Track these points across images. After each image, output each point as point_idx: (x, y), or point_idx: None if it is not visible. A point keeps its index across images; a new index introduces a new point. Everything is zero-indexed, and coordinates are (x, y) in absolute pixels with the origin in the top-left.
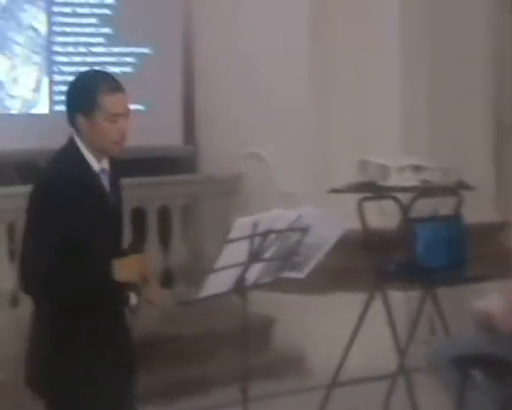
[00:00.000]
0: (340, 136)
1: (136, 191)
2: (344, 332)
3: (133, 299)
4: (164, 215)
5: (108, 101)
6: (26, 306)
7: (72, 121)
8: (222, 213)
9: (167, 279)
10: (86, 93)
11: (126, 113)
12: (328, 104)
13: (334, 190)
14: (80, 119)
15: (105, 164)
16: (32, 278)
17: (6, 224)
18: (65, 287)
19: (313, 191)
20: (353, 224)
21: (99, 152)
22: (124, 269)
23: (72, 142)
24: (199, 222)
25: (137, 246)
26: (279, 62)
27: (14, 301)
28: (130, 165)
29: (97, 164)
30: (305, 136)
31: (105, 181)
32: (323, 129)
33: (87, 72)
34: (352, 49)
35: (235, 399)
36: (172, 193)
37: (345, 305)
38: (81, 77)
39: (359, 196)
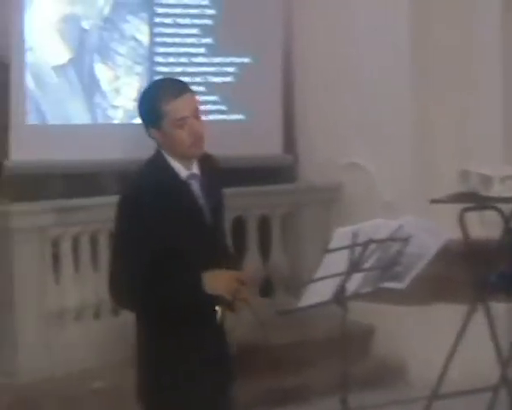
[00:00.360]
0: (441, 145)
1: (236, 201)
2: (444, 343)
3: (219, 313)
4: (264, 224)
5: (171, 107)
6: (128, 314)
7: (148, 134)
8: (322, 222)
9: (267, 288)
10: (151, 106)
11: (193, 113)
12: (430, 113)
13: (435, 201)
14: (153, 132)
15: (195, 169)
16: (123, 290)
17: (108, 233)
18: (154, 299)
19: (414, 201)
20: (454, 234)
21: (183, 159)
22: (213, 282)
23: (158, 151)
24: (299, 231)
25: (234, 261)
26: (380, 71)
27: (116, 310)
28: (231, 174)
29: (185, 170)
30: (407, 145)
31: (195, 187)
32: (425, 138)
33: (150, 83)
34: (454, 56)
35: (334, 409)
36: (272, 202)
37: (446, 316)
38: (145, 90)
39: (461, 206)
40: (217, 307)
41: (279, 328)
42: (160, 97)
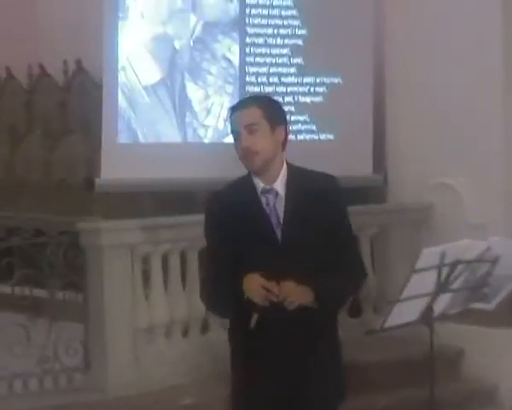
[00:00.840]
0: None
1: None
2: None
3: (253, 321)
4: None
5: (230, 121)
6: (216, 331)
7: None
8: (411, 242)
9: (355, 307)
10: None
11: (244, 127)
12: None
13: None
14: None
15: (277, 185)
16: (204, 295)
17: (198, 250)
18: (218, 302)
19: (504, 223)
20: None
21: (255, 173)
22: (245, 283)
23: None
24: (387, 251)
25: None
26: (472, 90)
27: (204, 327)
28: None
29: (262, 185)
30: (498, 165)
31: (271, 201)
32: None
33: None
34: None
35: None
36: (362, 222)
37: None
38: None
39: None
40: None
41: (368, 348)
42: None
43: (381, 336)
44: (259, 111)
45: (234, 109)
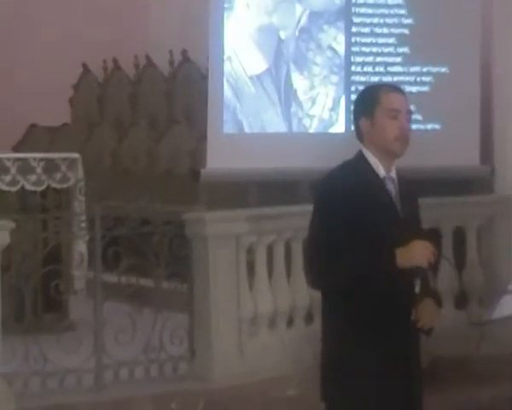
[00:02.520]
0: None
1: (432, 212)
2: None
3: (417, 287)
4: (459, 236)
5: (387, 97)
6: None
7: (358, 131)
8: None
9: (462, 299)
10: (368, 95)
11: (406, 112)
12: None
13: None
14: (363, 122)
15: (393, 174)
16: (311, 266)
17: (302, 240)
18: (338, 272)
19: None
20: None
21: (385, 158)
22: (407, 253)
23: (359, 153)
24: (494, 243)
25: (433, 235)
26: None
27: (309, 318)
28: (427, 184)
29: (383, 171)
30: None
31: (392, 189)
32: None
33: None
34: None
35: None
36: (468, 214)
37: None
38: (366, 86)
39: None
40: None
41: (473, 340)
42: (379, 88)
43: (489, 330)
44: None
45: (397, 90)
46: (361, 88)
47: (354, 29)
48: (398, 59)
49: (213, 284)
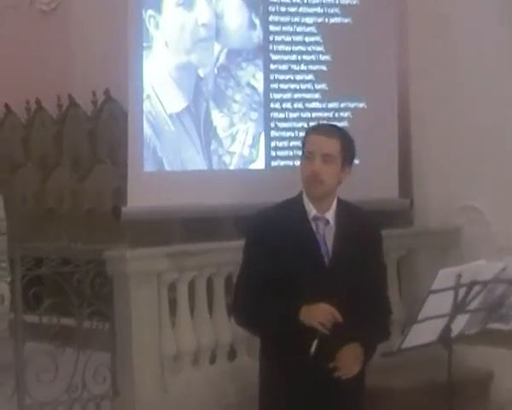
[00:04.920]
0: None
1: None
2: None
3: (313, 347)
4: None
5: (308, 140)
6: (244, 358)
7: None
8: (438, 266)
9: None
10: (303, 138)
11: (322, 155)
12: None
13: None
14: None
15: (328, 215)
16: (234, 310)
17: (224, 277)
18: (256, 322)
19: None
20: None
21: (313, 200)
22: (306, 313)
23: (300, 192)
24: (414, 275)
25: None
26: (495, 114)
27: (232, 354)
28: None
29: (314, 211)
30: None
31: (321, 229)
32: None
33: None
34: None
35: None
36: (388, 246)
37: None
38: None
39: None
40: (314, 342)
41: (398, 372)
42: (307, 130)
43: (412, 360)
44: (339, 146)
45: (317, 132)
46: (280, 124)
47: (272, 66)
48: (317, 95)
49: (135, 322)
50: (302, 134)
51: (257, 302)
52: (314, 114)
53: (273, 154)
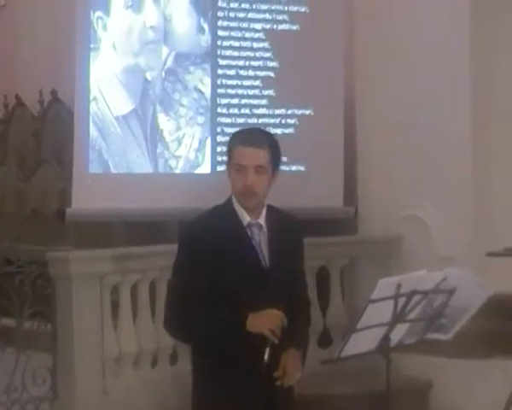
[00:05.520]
0: (500, 200)
1: None
2: (503, 398)
3: (266, 354)
4: (323, 276)
5: (236, 151)
6: (185, 362)
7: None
8: (381, 274)
9: (325, 338)
10: (228, 143)
11: (254, 167)
12: (489, 167)
13: (492, 254)
14: (227, 168)
15: (260, 219)
16: (166, 319)
17: (167, 280)
18: (196, 334)
19: (472, 255)
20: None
21: (244, 206)
22: (255, 320)
23: (229, 198)
24: (358, 283)
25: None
26: (441, 125)
27: (173, 358)
28: None
29: (247, 217)
30: (466, 199)
31: (256, 235)
32: (484, 192)
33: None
34: None
35: None
36: (332, 254)
37: (503, 371)
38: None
39: None
40: (266, 349)
41: (339, 379)
42: (235, 139)
43: (352, 369)
44: (269, 155)
45: (246, 143)
46: (227, 129)
47: (220, 71)
48: (264, 101)
49: (77, 324)
50: None
51: (195, 314)
52: (261, 120)
53: (219, 158)
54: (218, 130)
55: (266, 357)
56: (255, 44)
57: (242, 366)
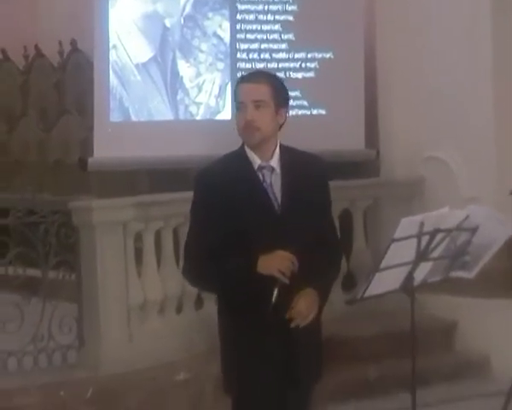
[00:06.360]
0: None
1: None
2: None
3: (274, 296)
4: (346, 218)
5: (238, 90)
6: (210, 307)
7: None
8: (403, 216)
9: (349, 280)
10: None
11: (253, 102)
12: (511, 107)
13: None
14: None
15: (272, 162)
16: (186, 271)
17: None
18: (212, 277)
19: (495, 195)
20: None
21: (253, 149)
22: (264, 262)
23: (242, 144)
24: (380, 225)
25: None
26: (463, 66)
27: (198, 303)
28: None
29: (259, 161)
30: (489, 139)
31: (268, 177)
32: (508, 132)
33: None
34: None
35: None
36: (355, 196)
37: None
38: None
39: None
40: (275, 290)
41: (364, 321)
42: (237, 81)
43: (378, 309)
44: (269, 89)
45: (244, 80)
46: None
47: (239, 16)
48: (283, 45)
49: (101, 272)
50: None
51: (210, 259)
52: (281, 65)
53: None
54: (239, 75)
55: (274, 298)
56: None
57: (259, 310)
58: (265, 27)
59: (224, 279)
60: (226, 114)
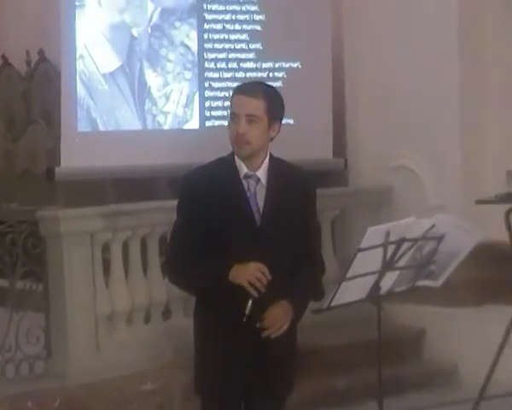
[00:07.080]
0: (488, 148)
1: None
2: (495, 345)
3: (248, 308)
4: None
5: (233, 100)
6: (178, 317)
7: None
8: (372, 225)
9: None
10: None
11: (246, 115)
12: (477, 116)
13: (481, 202)
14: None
15: (259, 172)
16: (166, 268)
17: (158, 237)
18: (186, 280)
19: (462, 203)
20: (502, 236)
21: (242, 158)
22: (236, 272)
23: (232, 151)
24: (348, 234)
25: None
26: (429, 75)
27: (166, 313)
28: None
29: (246, 170)
30: (455, 147)
31: (252, 187)
32: (473, 141)
33: None
34: (502, 61)
35: None
36: (322, 206)
37: (495, 317)
38: None
39: (507, 207)
40: (249, 301)
41: (331, 330)
42: (234, 90)
43: (346, 319)
44: (264, 104)
45: (241, 91)
46: (214, 84)
47: (206, 26)
48: (251, 55)
49: (69, 282)
50: None
51: (189, 261)
52: (248, 74)
53: (207, 114)
54: (206, 85)
55: (248, 309)
56: None
57: (231, 318)
58: (233, 37)
59: (196, 282)
60: (194, 123)
